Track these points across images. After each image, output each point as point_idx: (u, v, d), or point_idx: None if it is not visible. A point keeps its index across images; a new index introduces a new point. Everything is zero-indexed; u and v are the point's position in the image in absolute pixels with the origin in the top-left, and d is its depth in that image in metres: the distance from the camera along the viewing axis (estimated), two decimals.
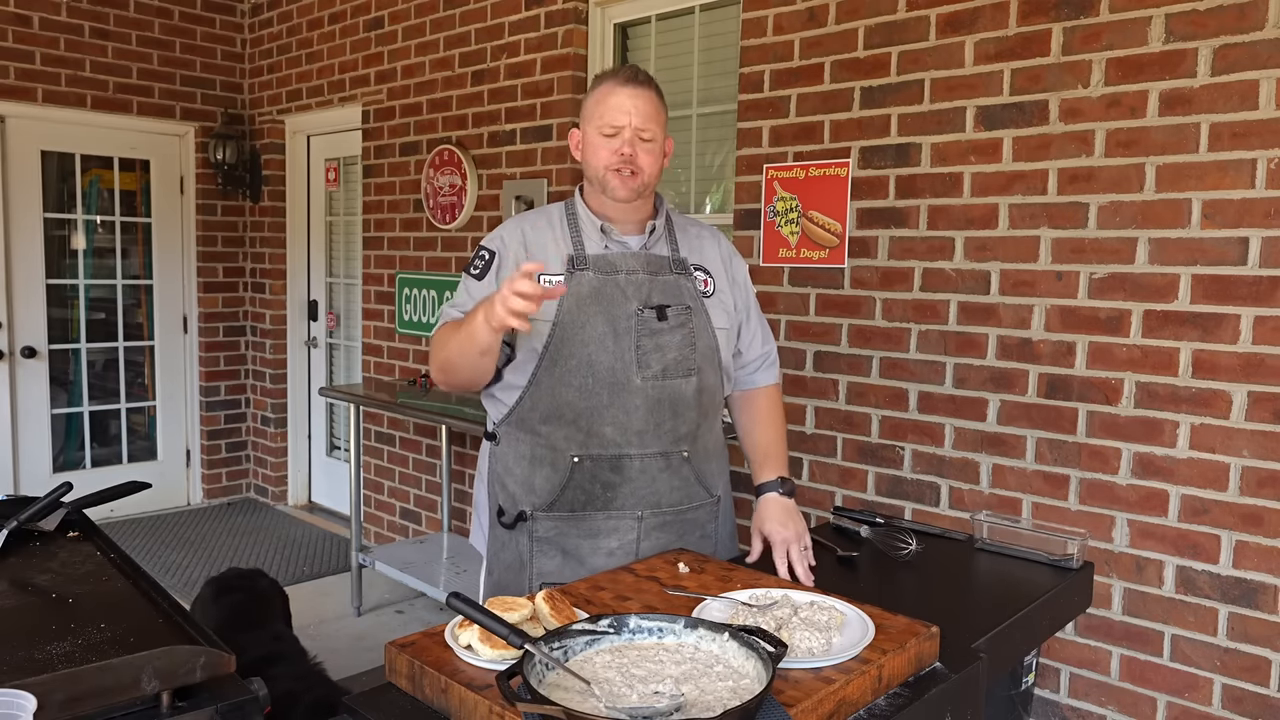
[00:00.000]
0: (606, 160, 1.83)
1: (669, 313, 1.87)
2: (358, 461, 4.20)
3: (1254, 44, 2.30)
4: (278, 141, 5.69)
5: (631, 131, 1.81)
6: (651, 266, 1.90)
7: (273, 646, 2.45)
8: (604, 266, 1.87)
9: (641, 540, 1.88)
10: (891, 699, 1.28)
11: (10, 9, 4.85)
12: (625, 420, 1.83)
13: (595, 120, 1.84)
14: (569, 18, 3.85)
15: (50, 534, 1.78)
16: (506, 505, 1.92)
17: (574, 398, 1.82)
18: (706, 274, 1.98)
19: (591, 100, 1.87)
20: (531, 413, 1.86)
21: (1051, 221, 2.65)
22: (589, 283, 1.85)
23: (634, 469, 1.86)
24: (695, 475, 1.93)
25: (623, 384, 1.82)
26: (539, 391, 1.84)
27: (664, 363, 1.85)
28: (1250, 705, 2.40)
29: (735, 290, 2.04)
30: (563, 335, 1.81)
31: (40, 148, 5.10)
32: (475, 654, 1.24)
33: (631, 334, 1.83)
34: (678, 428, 1.88)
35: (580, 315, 1.82)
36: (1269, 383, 2.33)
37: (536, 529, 1.88)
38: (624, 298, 1.85)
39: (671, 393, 1.86)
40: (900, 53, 2.91)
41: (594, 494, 1.86)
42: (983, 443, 2.82)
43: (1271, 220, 2.31)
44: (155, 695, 1.11)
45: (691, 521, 1.94)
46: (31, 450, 5.19)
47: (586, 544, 1.87)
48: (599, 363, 1.81)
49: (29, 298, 5.11)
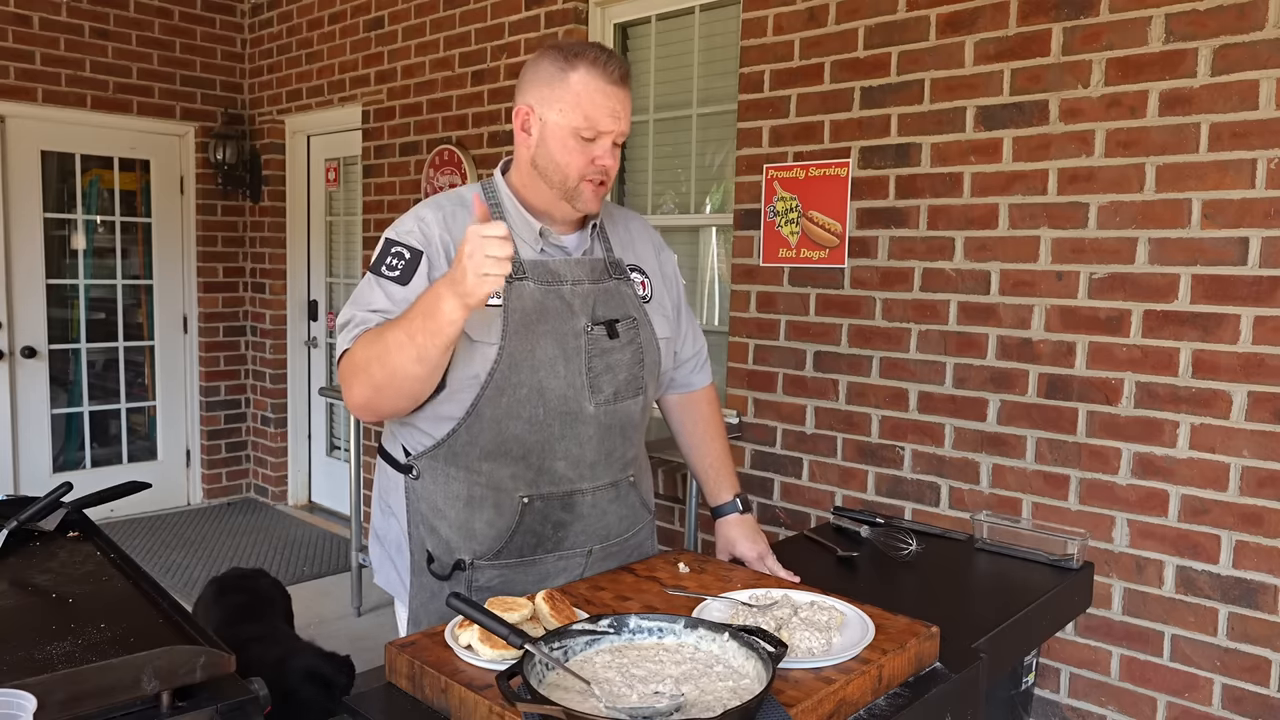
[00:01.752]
0: (581, 168, 1.57)
1: (619, 328, 1.66)
2: (358, 461, 4.20)
3: (1254, 44, 2.30)
4: (278, 141, 5.69)
5: (614, 139, 1.59)
6: (594, 273, 1.68)
7: (287, 645, 2.49)
8: (545, 276, 1.62)
9: (586, 572, 1.72)
10: (891, 699, 1.28)
11: (10, 9, 4.85)
12: (578, 453, 1.64)
13: (571, 114, 1.55)
14: (569, 18, 3.84)
15: (50, 534, 1.78)
16: (438, 552, 1.67)
17: (522, 431, 1.59)
18: (643, 274, 1.77)
19: (567, 87, 1.55)
20: (469, 448, 1.61)
21: (1051, 221, 2.65)
22: (531, 296, 1.59)
23: (585, 504, 1.68)
24: (640, 499, 1.81)
25: (575, 413, 1.61)
26: (479, 424, 1.58)
27: (615, 385, 1.65)
28: (1250, 705, 2.40)
29: (668, 287, 1.84)
30: (510, 360, 1.56)
31: (40, 148, 5.10)
32: (475, 654, 1.24)
33: (581, 355, 1.61)
34: (626, 453, 1.73)
35: (528, 336, 1.57)
36: (1269, 383, 2.33)
37: (477, 578, 1.65)
38: (570, 313, 1.61)
39: (622, 417, 1.68)
40: (900, 53, 2.91)
41: (545, 535, 1.67)
42: (983, 443, 2.82)
43: (1271, 220, 2.31)
44: (155, 695, 1.11)
45: (635, 545, 1.82)
46: (31, 450, 5.19)
47: (534, 588, 1.67)
48: (550, 390, 1.58)
49: (29, 298, 5.11)
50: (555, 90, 1.56)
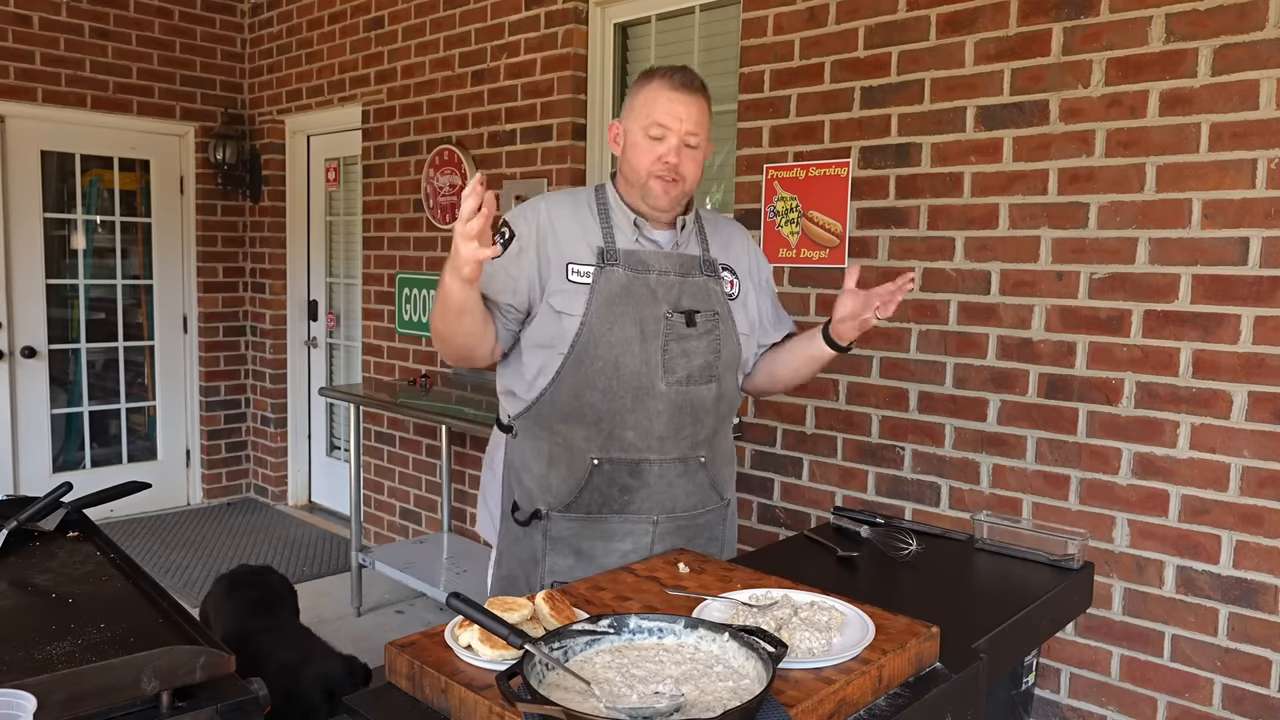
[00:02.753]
0: (649, 165, 1.78)
1: (698, 319, 1.83)
2: (358, 461, 4.19)
3: (1254, 44, 2.30)
4: (278, 141, 5.69)
5: (679, 138, 1.77)
6: (683, 267, 1.86)
7: (303, 646, 2.50)
8: (635, 264, 1.82)
9: (655, 544, 1.86)
10: (891, 699, 1.28)
11: (10, 9, 4.85)
12: (647, 425, 1.81)
13: (641, 119, 1.78)
14: (569, 18, 3.84)
15: (50, 534, 1.78)
16: (522, 501, 1.89)
17: (597, 399, 1.79)
18: (733, 274, 1.95)
19: (640, 98, 1.80)
20: (551, 410, 1.82)
21: (1052, 221, 2.64)
22: (619, 280, 1.79)
23: (653, 474, 1.84)
24: (710, 480, 1.93)
25: (647, 389, 1.79)
26: (561, 389, 1.80)
27: (689, 369, 1.82)
28: (1250, 705, 2.40)
29: (760, 294, 2.01)
30: (590, 335, 1.77)
31: (40, 148, 5.10)
32: (475, 654, 1.24)
33: (659, 338, 1.79)
34: (697, 433, 1.87)
35: (609, 315, 1.77)
36: (1269, 383, 2.33)
37: (551, 528, 1.86)
38: (654, 299, 1.80)
39: (693, 399, 1.84)
40: (900, 53, 2.91)
41: (611, 497, 1.84)
42: (983, 443, 2.82)
43: (1271, 220, 2.31)
44: (155, 695, 1.11)
45: (703, 526, 1.94)
46: (31, 450, 5.19)
47: (601, 545, 1.85)
48: (625, 366, 1.78)
49: (29, 298, 5.11)
50: (633, 103, 1.82)
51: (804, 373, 2.02)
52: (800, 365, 2.00)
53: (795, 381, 2.06)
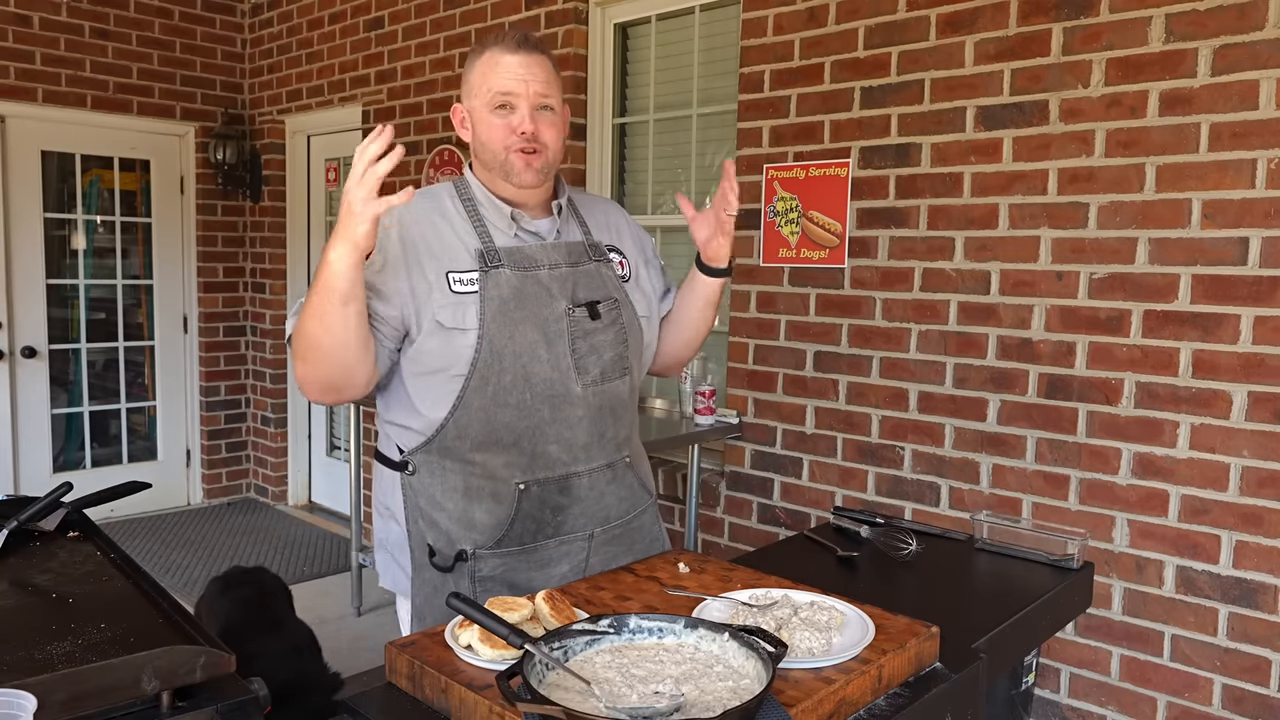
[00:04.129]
0: (504, 139, 1.60)
1: (600, 309, 1.68)
2: (358, 461, 4.20)
3: (1254, 44, 2.30)
4: (278, 141, 5.69)
5: (529, 103, 1.59)
6: (571, 256, 1.70)
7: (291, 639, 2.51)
8: (521, 261, 1.64)
9: (591, 557, 1.74)
10: (891, 699, 1.28)
11: (10, 9, 4.85)
12: (570, 436, 1.66)
13: (483, 93, 1.61)
14: (569, 18, 3.84)
15: (50, 534, 1.78)
16: (439, 545, 1.68)
17: (511, 418, 1.61)
18: (620, 255, 1.80)
19: (477, 71, 1.63)
20: (460, 440, 1.63)
21: (1051, 221, 2.65)
22: (508, 282, 1.62)
23: (583, 487, 1.70)
24: (638, 479, 1.83)
25: (563, 396, 1.64)
26: (467, 416, 1.61)
27: (602, 365, 1.68)
28: (1250, 705, 2.40)
29: (651, 270, 1.87)
30: (490, 348, 1.58)
31: (40, 148, 5.10)
32: (475, 654, 1.24)
33: (564, 338, 1.64)
34: (619, 433, 1.75)
35: (506, 322, 1.60)
36: (1269, 383, 2.33)
37: (480, 568, 1.67)
38: (550, 297, 1.64)
39: (611, 397, 1.71)
40: (900, 53, 2.91)
41: (544, 521, 1.68)
42: (983, 443, 2.82)
43: (1271, 220, 2.31)
44: (155, 695, 1.11)
45: (638, 529, 1.83)
46: (31, 450, 5.19)
47: (538, 575, 1.70)
48: (535, 375, 1.61)
49: (29, 298, 5.11)
50: (470, 78, 1.66)
51: (707, 316, 1.86)
52: (697, 313, 1.85)
53: (703, 332, 1.90)
